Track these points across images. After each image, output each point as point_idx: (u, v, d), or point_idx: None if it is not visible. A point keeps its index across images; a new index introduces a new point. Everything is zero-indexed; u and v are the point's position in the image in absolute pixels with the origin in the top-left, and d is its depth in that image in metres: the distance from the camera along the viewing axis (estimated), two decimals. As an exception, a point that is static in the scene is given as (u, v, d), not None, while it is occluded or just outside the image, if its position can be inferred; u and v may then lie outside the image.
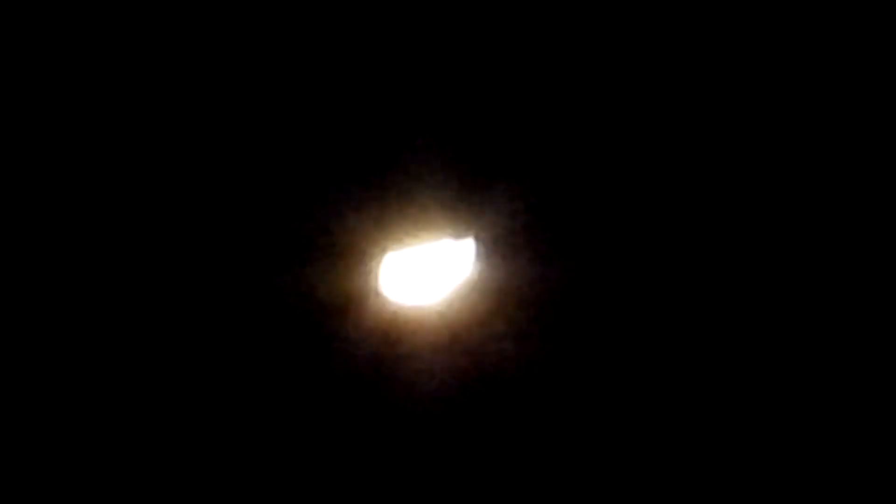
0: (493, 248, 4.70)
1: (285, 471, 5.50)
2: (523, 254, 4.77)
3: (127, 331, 4.90)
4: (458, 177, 4.42)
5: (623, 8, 4.12)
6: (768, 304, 5.08)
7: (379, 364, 5.07)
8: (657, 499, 5.66)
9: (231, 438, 5.37)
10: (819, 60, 4.31)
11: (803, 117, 4.46)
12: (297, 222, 4.59)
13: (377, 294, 4.74)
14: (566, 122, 4.36)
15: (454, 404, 5.31)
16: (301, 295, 4.81)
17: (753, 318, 5.13)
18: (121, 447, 5.29)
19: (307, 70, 4.08)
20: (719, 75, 4.27)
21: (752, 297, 5.06)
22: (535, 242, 4.76)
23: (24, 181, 4.40)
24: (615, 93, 4.28)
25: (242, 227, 4.60)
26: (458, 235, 4.64)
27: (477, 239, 4.65)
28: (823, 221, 4.81)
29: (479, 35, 4.06)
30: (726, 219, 4.77)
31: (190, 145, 4.28)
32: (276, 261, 4.73)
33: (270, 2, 3.98)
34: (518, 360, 5.17)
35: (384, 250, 4.63)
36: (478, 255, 4.69)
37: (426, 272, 4.70)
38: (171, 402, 5.20)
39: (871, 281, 5.04)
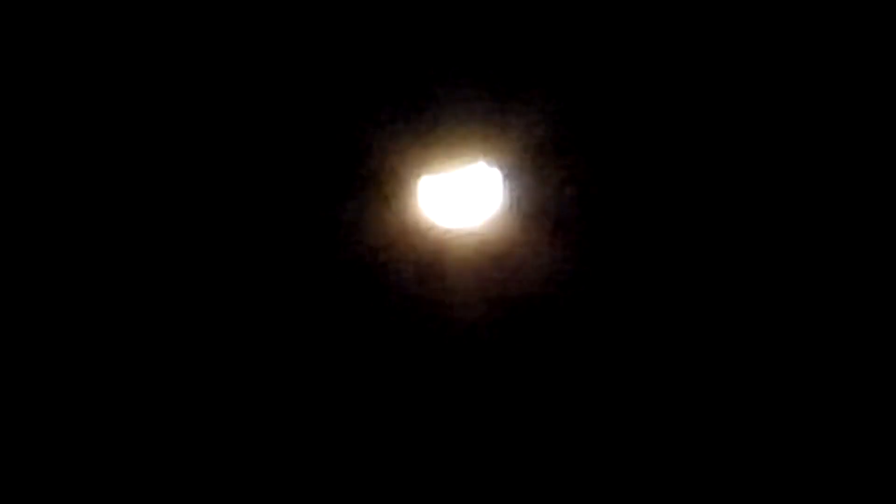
0: (517, 171, 4.83)
1: (331, 392, 5.60)
2: (547, 176, 4.89)
3: (179, 249, 5.03)
4: (481, 104, 4.53)
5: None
6: (784, 240, 5.15)
7: (418, 282, 5.19)
8: (686, 411, 5.71)
9: (276, 359, 5.48)
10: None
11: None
12: (333, 153, 4.70)
13: (416, 216, 4.90)
14: (582, 47, 4.43)
15: (493, 322, 5.42)
16: (341, 218, 4.93)
17: (774, 253, 5.22)
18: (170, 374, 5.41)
19: (335, 5, 4.17)
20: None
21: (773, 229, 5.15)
22: (557, 165, 4.86)
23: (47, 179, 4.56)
24: (634, 17, 4.33)
25: (282, 160, 4.72)
26: (486, 161, 4.77)
27: (501, 164, 4.79)
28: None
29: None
30: (751, 131, 4.80)
31: (227, 82, 4.36)
32: (316, 189, 4.85)
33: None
34: (551, 277, 5.28)
35: (418, 176, 4.77)
36: (503, 179, 4.84)
37: (459, 196, 4.86)
38: (219, 324, 5.32)
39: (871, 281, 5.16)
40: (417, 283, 5.22)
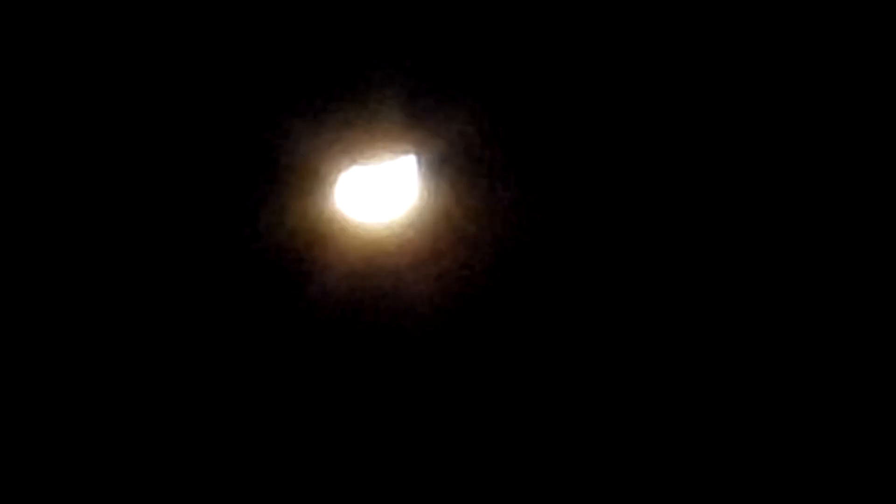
0: (438, 167, 4.80)
1: (281, 404, 5.61)
2: (468, 175, 4.88)
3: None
4: (407, 96, 4.50)
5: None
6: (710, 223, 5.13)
7: (336, 278, 5.15)
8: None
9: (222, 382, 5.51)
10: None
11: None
12: (253, 148, 4.68)
13: (335, 213, 4.86)
14: (517, 46, 4.43)
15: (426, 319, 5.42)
16: (263, 220, 4.91)
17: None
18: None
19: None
20: None
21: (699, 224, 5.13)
22: (479, 164, 4.87)
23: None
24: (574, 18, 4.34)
25: (201, 158, 4.69)
26: (407, 154, 4.75)
27: (422, 158, 4.77)
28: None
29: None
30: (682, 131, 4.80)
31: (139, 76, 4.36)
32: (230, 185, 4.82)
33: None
34: (468, 276, 5.28)
35: (338, 170, 4.74)
36: (423, 174, 4.82)
37: (379, 190, 4.84)
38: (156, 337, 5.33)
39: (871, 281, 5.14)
40: (336, 279, 5.17)
